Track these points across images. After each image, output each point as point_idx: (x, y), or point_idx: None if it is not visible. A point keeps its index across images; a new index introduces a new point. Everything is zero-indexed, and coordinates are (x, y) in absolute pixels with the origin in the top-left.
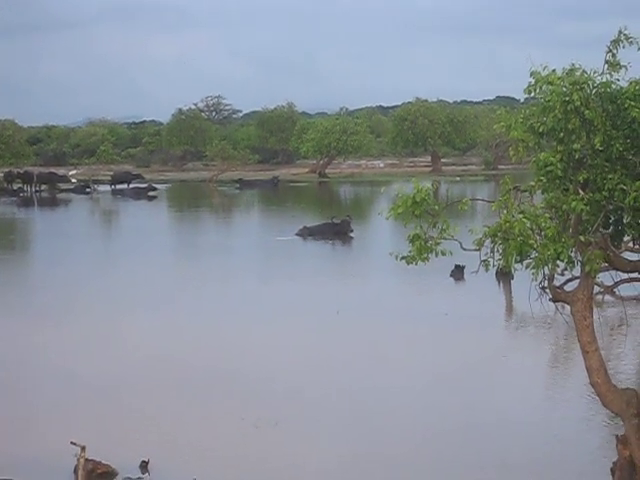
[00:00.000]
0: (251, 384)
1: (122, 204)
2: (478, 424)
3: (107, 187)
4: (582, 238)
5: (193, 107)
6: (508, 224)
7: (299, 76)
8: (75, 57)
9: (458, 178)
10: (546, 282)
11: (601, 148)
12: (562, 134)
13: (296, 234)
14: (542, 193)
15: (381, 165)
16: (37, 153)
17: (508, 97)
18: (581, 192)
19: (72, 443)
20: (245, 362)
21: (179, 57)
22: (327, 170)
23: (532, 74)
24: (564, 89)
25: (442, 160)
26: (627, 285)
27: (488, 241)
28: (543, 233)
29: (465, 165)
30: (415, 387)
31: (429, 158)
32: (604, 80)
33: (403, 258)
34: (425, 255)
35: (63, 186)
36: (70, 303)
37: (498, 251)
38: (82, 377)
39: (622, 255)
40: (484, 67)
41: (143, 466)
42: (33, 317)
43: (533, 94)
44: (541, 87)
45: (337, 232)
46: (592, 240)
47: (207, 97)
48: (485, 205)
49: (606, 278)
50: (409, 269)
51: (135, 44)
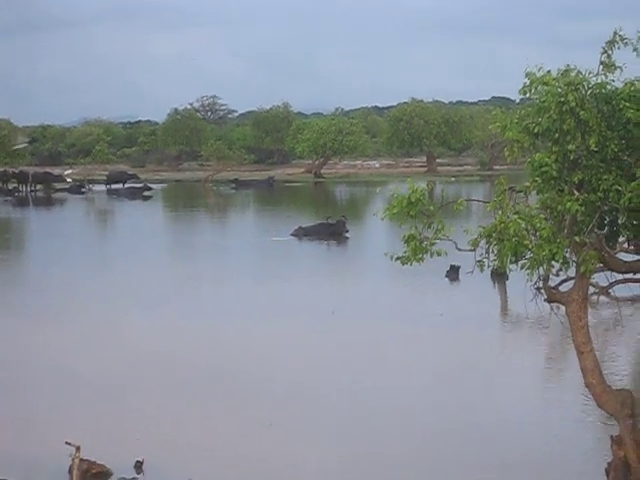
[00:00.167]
0: (250, 384)
1: (117, 204)
2: (478, 424)
3: (102, 187)
4: (577, 239)
5: (189, 107)
6: (503, 225)
7: (298, 75)
8: (74, 56)
9: (453, 178)
10: (541, 283)
11: (596, 149)
12: (557, 135)
13: (291, 234)
14: (537, 194)
15: (376, 165)
16: (33, 153)
17: (504, 97)
18: (576, 193)
19: (67, 443)
20: (244, 362)
21: (178, 56)
22: (323, 170)
23: (527, 75)
24: (559, 90)
25: (437, 160)
26: (622, 286)
27: (483, 242)
28: (538, 234)
29: (460, 165)
30: (414, 387)
31: (424, 158)
32: (599, 81)
33: (398, 259)
34: (420, 255)
35: (58, 186)
36: (66, 303)
37: (493, 251)
38: (81, 377)
39: (617, 256)
40: (484, 67)
41: (137, 466)
42: (30, 317)
43: (528, 95)
44: (536, 88)
45: (332, 232)
46: (587, 241)
47: (203, 97)
48: (480, 205)
49: (601, 279)
50: (404, 269)
51: (134, 43)
